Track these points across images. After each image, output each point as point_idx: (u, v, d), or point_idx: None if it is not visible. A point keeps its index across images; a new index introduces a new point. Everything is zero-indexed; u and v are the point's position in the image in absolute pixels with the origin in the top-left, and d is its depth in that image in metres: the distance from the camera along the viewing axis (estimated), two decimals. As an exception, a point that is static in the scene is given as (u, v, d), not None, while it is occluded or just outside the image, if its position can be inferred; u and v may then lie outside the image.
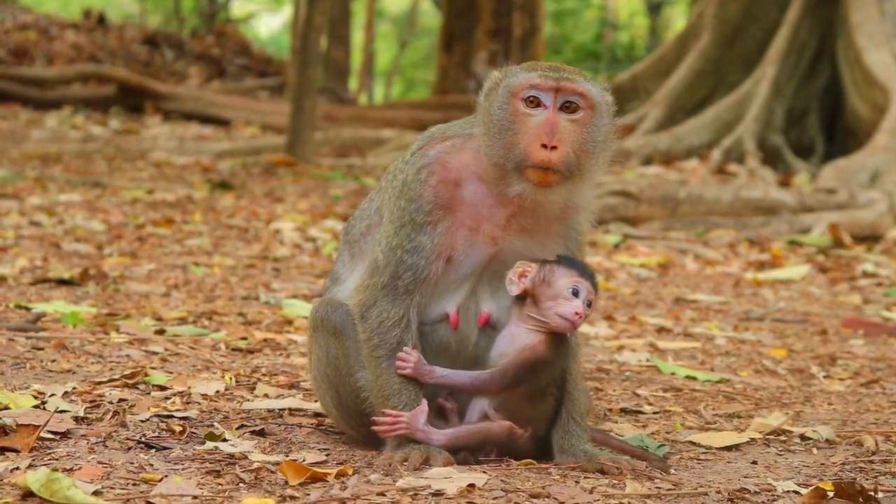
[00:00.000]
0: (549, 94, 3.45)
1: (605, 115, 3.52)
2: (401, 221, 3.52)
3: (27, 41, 26.87)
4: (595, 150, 3.49)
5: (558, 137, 3.41)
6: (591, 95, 3.47)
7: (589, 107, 3.47)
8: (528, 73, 3.47)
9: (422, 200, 3.50)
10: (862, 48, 14.08)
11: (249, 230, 9.27)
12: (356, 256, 3.72)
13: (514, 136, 3.44)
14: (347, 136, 16.97)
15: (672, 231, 10.34)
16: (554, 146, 3.40)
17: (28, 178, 11.80)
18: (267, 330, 5.60)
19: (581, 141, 3.45)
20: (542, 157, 3.40)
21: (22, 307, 5.65)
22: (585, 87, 3.47)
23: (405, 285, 3.49)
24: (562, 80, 3.45)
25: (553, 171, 3.41)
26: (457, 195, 3.52)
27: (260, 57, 31.73)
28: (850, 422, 4.39)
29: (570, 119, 3.45)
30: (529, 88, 3.45)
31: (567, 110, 3.45)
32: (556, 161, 3.41)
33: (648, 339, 5.96)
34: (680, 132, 14.95)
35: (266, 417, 3.98)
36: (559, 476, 3.40)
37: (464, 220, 3.52)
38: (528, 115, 3.44)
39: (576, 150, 3.44)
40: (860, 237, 10.28)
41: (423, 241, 3.49)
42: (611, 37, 36.37)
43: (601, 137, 3.50)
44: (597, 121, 3.49)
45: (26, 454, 3.32)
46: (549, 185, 3.43)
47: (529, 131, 3.43)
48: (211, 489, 3.12)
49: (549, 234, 3.59)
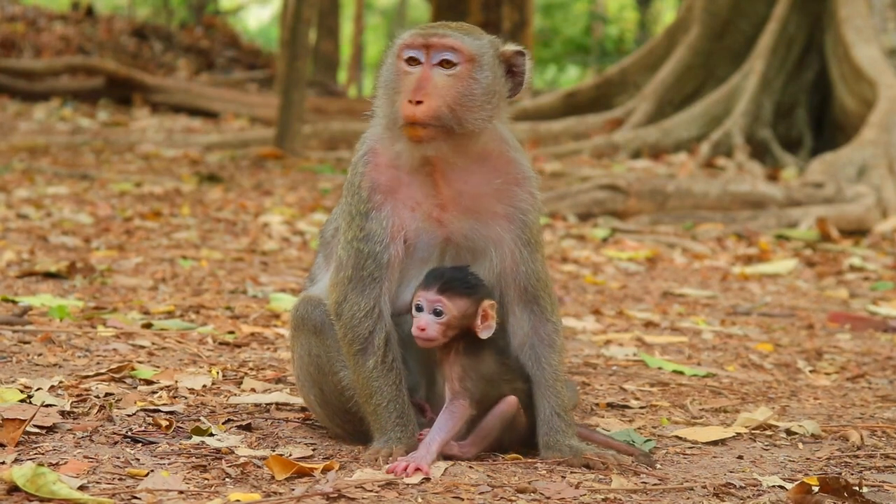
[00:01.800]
0: (421, 51, 3.47)
1: (488, 67, 3.50)
2: (351, 215, 3.56)
3: (15, 33, 26.77)
4: (474, 103, 3.46)
5: (424, 92, 3.41)
6: (466, 49, 3.47)
7: (466, 60, 3.47)
8: (405, 34, 3.52)
9: (361, 189, 3.54)
10: (850, 42, 14.10)
11: (237, 223, 9.25)
12: (328, 257, 3.76)
13: (394, 94, 3.48)
14: (336, 129, 16.93)
15: (660, 225, 10.35)
16: (420, 101, 3.41)
17: (15, 170, 11.77)
18: (254, 324, 5.60)
19: (457, 94, 3.44)
20: (408, 113, 3.42)
21: (8, 300, 5.63)
22: (458, 41, 3.47)
23: (369, 274, 3.50)
24: (431, 37, 3.47)
25: (422, 126, 3.42)
26: (392, 177, 3.54)
27: (249, 49, 31.64)
28: (835, 416, 4.40)
29: (447, 74, 3.45)
30: (405, 48, 3.49)
31: (445, 66, 3.46)
32: (420, 116, 3.41)
33: (636, 334, 5.97)
34: (668, 126, 14.97)
35: (253, 412, 3.98)
36: (545, 471, 3.41)
37: (404, 200, 3.53)
38: (406, 73, 3.47)
39: (451, 103, 3.43)
40: (847, 231, 10.31)
41: (373, 227, 3.51)
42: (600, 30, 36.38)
43: (480, 90, 3.48)
44: (476, 74, 3.48)
45: (12, 448, 3.32)
46: (421, 140, 3.43)
47: (404, 89, 3.45)
48: (197, 484, 3.12)
49: (493, 215, 3.57)
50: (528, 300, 3.60)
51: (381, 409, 3.49)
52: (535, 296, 3.60)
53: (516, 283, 3.58)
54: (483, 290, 3.49)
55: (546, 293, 3.63)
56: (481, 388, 3.47)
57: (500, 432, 3.53)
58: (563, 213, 10.40)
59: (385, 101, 3.52)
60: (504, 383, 3.54)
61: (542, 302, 3.61)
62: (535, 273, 3.59)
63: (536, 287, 3.60)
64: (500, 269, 3.57)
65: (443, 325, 3.43)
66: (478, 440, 3.51)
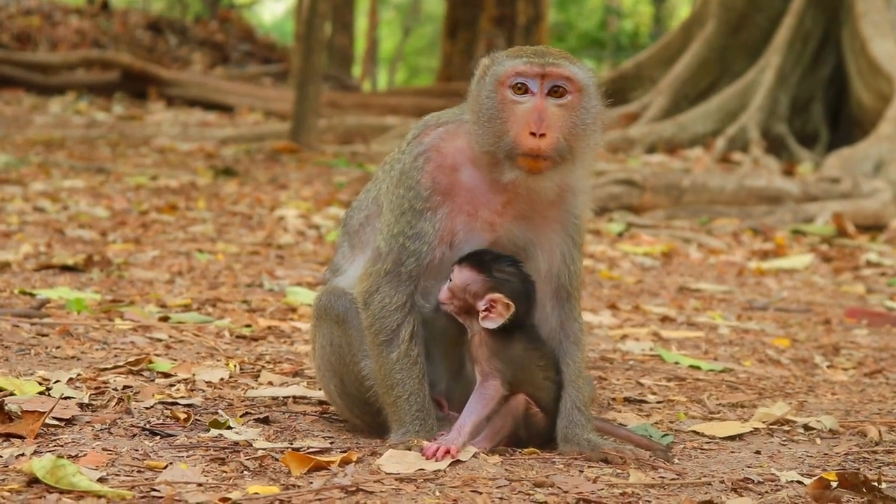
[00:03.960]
0: (535, 80, 3.44)
1: (593, 96, 3.51)
2: (401, 209, 3.52)
3: (31, 26, 26.83)
4: (585, 133, 3.48)
5: (546, 124, 3.40)
6: (577, 79, 3.45)
7: (577, 90, 3.46)
8: (513, 61, 3.46)
9: (420, 187, 3.51)
10: (867, 37, 14.05)
11: (253, 217, 9.27)
12: (356, 247, 3.73)
13: (503, 124, 3.44)
14: (351, 123, 16.95)
15: (676, 220, 10.33)
16: (543, 133, 3.40)
17: (32, 163, 11.80)
18: (271, 317, 5.61)
19: (571, 125, 3.45)
20: (532, 146, 3.40)
21: (26, 293, 5.65)
22: (572, 70, 3.45)
23: (408, 271, 3.50)
24: (547, 66, 3.44)
25: (543, 159, 3.41)
26: (454, 180, 3.53)
27: (264, 43, 31.67)
28: (853, 412, 4.39)
29: (559, 104, 3.44)
30: (516, 76, 3.45)
31: (555, 95, 3.44)
32: (545, 148, 3.40)
33: (652, 329, 5.96)
34: (684, 120, 14.94)
35: (270, 405, 3.99)
36: (563, 465, 3.41)
37: (462, 205, 3.52)
38: (515, 102, 3.44)
39: (566, 134, 3.44)
40: (864, 227, 10.27)
41: (425, 227, 3.49)
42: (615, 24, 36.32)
43: (590, 120, 3.49)
44: (585, 103, 3.48)
45: (31, 440, 3.33)
46: (541, 171, 3.43)
47: (518, 119, 3.42)
48: (215, 476, 3.12)
49: (547, 220, 3.58)
50: (561, 298, 3.62)
51: (402, 401, 3.49)
52: (568, 294, 3.63)
53: (557, 281, 3.60)
54: (502, 281, 3.48)
55: (578, 293, 3.66)
56: (511, 370, 3.48)
57: (512, 429, 3.54)
58: (579, 207, 10.38)
59: (488, 129, 3.46)
60: (538, 370, 3.55)
61: (573, 301, 3.64)
62: (577, 273, 3.63)
63: (573, 286, 3.63)
64: (548, 268, 3.59)
65: (449, 290, 3.49)
66: (491, 435, 3.52)
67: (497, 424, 3.52)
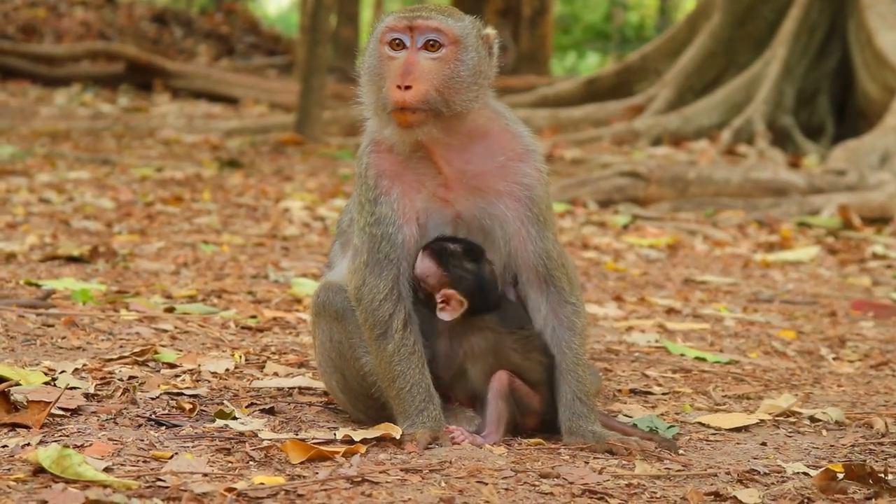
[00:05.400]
0: (406, 34, 3.45)
1: (472, 49, 3.49)
2: (360, 204, 3.56)
3: (36, 18, 26.83)
4: (462, 86, 3.45)
5: (412, 77, 3.40)
6: (450, 31, 3.45)
7: (451, 42, 3.45)
8: (388, 17, 3.49)
9: (368, 178, 3.55)
10: (873, 29, 14.00)
11: (258, 209, 9.26)
12: (345, 245, 3.77)
13: (380, 80, 3.47)
14: (356, 115, 16.73)
15: (681, 212, 10.31)
16: (409, 86, 3.40)
17: (37, 155, 11.80)
18: (276, 308, 5.61)
19: (444, 77, 3.43)
20: (397, 98, 3.41)
21: (32, 284, 5.66)
22: (442, 22, 3.45)
23: (385, 255, 3.50)
24: (416, 19, 3.44)
25: (412, 111, 3.41)
26: (395, 162, 3.54)
27: (269, 35, 31.63)
28: (859, 404, 4.38)
29: (432, 57, 3.44)
30: (389, 32, 3.47)
31: (431, 49, 3.44)
32: (409, 101, 3.40)
33: (657, 320, 5.95)
34: (689, 113, 14.90)
35: (275, 396, 3.99)
36: (568, 456, 3.41)
37: (412, 183, 3.53)
38: (391, 58, 3.46)
39: (439, 87, 3.42)
40: (870, 219, 10.24)
41: (384, 210, 3.51)
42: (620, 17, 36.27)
43: (467, 72, 3.46)
44: (462, 55, 3.46)
45: (37, 430, 3.33)
46: (411, 124, 3.43)
47: (391, 74, 3.44)
48: (221, 467, 3.13)
49: (498, 193, 3.54)
50: (542, 281, 3.56)
51: (405, 392, 3.48)
52: (549, 276, 3.56)
53: (527, 264, 3.55)
54: (458, 277, 3.48)
55: (562, 273, 3.57)
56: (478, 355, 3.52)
57: (509, 411, 3.53)
58: (584, 199, 10.37)
59: (371, 87, 3.51)
60: (512, 353, 3.54)
61: (558, 282, 3.56)
62: (546, 252, 3.54)
63: (549, 267, 3.55)
64: (508, 248, 3.54)
65: (414, 275, 3.51)
66: (493, 426, 3.51)
67: (494, 414, 3.52)
